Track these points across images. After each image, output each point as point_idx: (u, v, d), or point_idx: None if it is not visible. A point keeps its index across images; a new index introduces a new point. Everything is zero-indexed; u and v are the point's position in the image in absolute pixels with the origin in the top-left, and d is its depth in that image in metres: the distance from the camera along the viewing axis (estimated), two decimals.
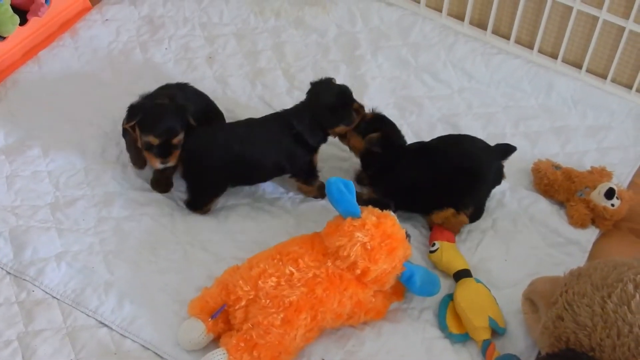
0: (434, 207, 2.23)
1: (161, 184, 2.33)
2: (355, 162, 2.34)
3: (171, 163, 2.19)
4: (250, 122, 2.29)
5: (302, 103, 2.26)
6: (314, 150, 2.27)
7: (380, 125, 2.25)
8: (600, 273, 1.87)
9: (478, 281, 2.11)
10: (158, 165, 2.19)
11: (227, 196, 2.32)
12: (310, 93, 2.26)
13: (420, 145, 2.29)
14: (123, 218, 2.27)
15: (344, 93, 2.25)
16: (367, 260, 1.97)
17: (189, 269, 2.17)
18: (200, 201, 2.28)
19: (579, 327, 1.81)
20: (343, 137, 2.29)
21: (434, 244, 2.19)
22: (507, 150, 2.24)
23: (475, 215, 2.27)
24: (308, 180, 2.31)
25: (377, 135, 2.21)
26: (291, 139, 2.22)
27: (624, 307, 1.77)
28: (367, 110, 2.28)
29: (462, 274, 2.12)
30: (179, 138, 2.17)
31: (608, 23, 2.51)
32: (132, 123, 2.17)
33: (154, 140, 2.15)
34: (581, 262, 2.21)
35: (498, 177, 2.25)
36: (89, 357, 2.02)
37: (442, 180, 2.20)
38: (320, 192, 2.30)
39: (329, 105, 2.22)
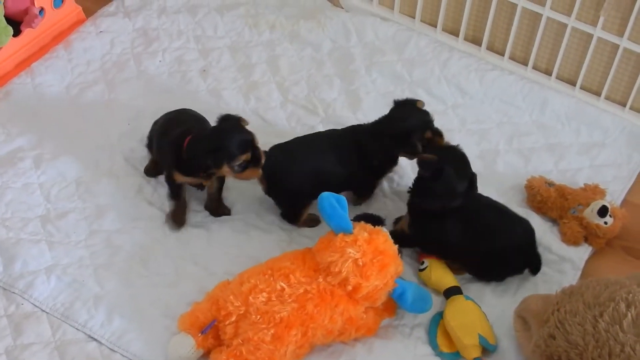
0: (459, 262, 2.19)
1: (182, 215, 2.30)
2: None
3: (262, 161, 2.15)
4: (326, 134, 2.33)
5: (377, 122, 2.24)
6: (379, 173, 2.26)
7: (445, 155, 2.13)
8: (592, 291, 1.86)
9: (468, 298, 2.10)
10: (259, 173, 2.15)
11: None
12: (389, 114, 2.24)
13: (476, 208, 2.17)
14: (114, 231, 2.26)
15: (418, 121, 2.21)
16: (359, 277, 1.96)
17: (180, 283, 2.16)
18: (291, 213, 2.29)
19: (571, 346, 1.81)
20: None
21: (422, 262, 2.18)
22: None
23: None
24: (361, 196, 2.32)
25: (431, 157, 2.10)
26: (357, 157, 2.21)
27: (615, 326, 1.76)
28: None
29: (452, 291, 2.11)
30: (256, 141, 2.13)
31: (602, 40, 2.51)
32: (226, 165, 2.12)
33: (246, 157, 2.11)
34: (574, 280, 2.20)
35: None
36: None
37: (490, 253, 2.14)
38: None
39: (398, 131, 2.19)
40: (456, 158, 2.14)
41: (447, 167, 2.08)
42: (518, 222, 2.18)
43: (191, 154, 2.13)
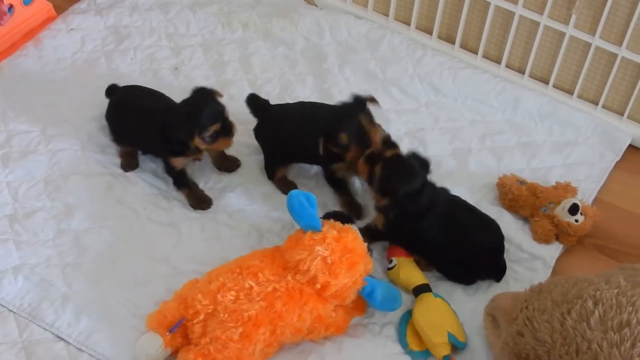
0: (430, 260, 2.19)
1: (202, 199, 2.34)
2: None
3: (234, 132, 2.23)
4: (314, 105, 2.40)
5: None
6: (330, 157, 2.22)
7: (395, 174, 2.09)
8: (560, 289, 1.86)
9: (437, 296, 2.09)
10: (231, 143, 2.25)
11: (186, 208, 2.31)
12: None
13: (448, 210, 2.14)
14: (83, 230, 2.24)
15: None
16: (328, 275, 1.95)
17: (149, 282, 2.14)
18: (268, 169, 2.36)
19: (539, 343, 1.80)
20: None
21: (391, 261, 2.17)
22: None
23: None
24: (334, 187, 2.32)
25: (384, 201, 2.10)
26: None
27: (583, 323, 1.76)
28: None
29: (421, 289, 2.10)
30: (226, 113, 2.22)
31: (574, 39, 2.51)
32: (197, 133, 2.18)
33: (216, 127, 2.18)
34: (545, 277, 2.20)
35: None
36: None
37: (461, 253, 2.13)
38: (348, 208, 2.28)
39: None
40: (403, 172, 2.09)
41: (403, 198, 2.06)
42: (491, 226, 2.17)
43: (167, 131, 2.19)
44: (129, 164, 2.38)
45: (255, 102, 2.38)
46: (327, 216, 2.08)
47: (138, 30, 2.76)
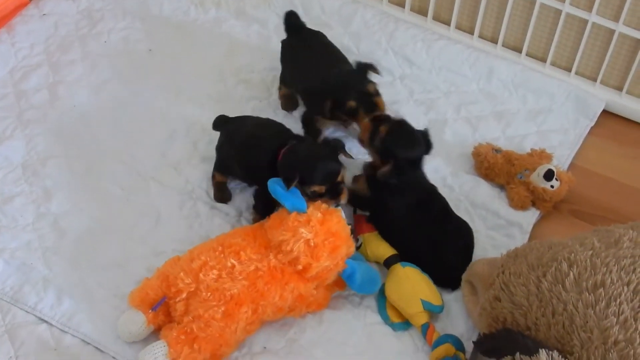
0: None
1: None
2: None
3: (343, 201, 2.08)
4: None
5: None
6: None
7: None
8: (535, 253, 1.88)
9: (404, 265, 2.08)
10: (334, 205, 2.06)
11: (165, 188, 2.32)
12: None
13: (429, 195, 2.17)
14: (62, 214, 2.24)
15: None
16: (310, 257, 1.96)
17: (129, 263, 2.15)
18: None
19: (515, 307, 1.83)
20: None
21: (357, 240, 2.17)
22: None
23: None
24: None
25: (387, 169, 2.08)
26: None
27: (558, 285, 1.78)
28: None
29: (391, 261, 2.10)
30: (341, 175, 2.04)
31: (545, 6, 2.52)
32: (295, 183, 2.00)
33: (319, 189, 2.02)
34: (522, 243, 2.19)
35: None
36: (29, 353, 2.00)
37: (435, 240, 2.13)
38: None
39: None
40: (407, 135, 2.13)
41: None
42: (463, 226, 2.18)
43: (280, 168, 2.05)
44: (223, 197, 2.30)
45: None
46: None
47: (111, 14, 2.75)
